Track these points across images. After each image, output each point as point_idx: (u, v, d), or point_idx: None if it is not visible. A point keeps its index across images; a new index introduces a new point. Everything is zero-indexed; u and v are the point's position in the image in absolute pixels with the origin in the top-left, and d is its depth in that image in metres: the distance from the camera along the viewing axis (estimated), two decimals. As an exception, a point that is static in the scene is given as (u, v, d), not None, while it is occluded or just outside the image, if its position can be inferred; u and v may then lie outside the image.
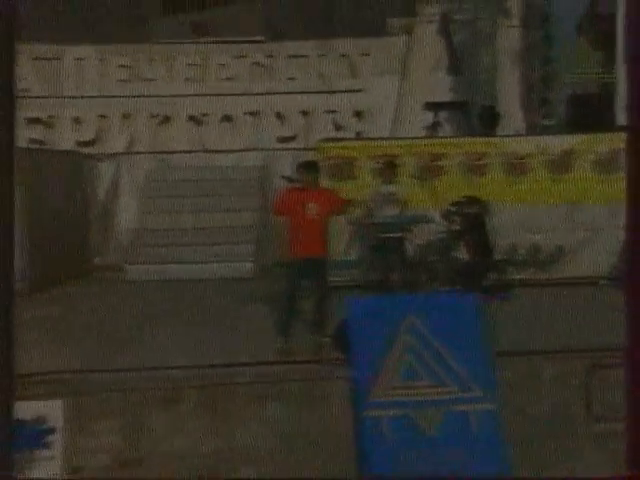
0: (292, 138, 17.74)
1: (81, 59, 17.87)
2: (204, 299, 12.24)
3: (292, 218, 9.51)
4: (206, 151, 17.61)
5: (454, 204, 12.32)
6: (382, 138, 16.10)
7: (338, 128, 17.85)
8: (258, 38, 18.24)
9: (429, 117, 17.78)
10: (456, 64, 17.91)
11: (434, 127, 17.65)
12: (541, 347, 9.50)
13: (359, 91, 18.12)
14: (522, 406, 8.89)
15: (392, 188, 12.01)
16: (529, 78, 17.41)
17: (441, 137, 16.27)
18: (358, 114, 18.06)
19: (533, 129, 16.95)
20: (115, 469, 8.14)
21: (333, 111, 18.07)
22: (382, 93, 18.21)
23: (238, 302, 11.54)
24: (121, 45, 17.76)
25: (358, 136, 17.38)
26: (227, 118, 17.94)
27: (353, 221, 12.43)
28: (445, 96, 17.88)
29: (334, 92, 18.16)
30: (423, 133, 17.20)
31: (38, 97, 17.60)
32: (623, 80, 13.73)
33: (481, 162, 13.33)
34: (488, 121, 16.59)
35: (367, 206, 12.17)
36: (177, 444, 8.23)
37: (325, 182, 12.84)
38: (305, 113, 18.01)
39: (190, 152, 17.47)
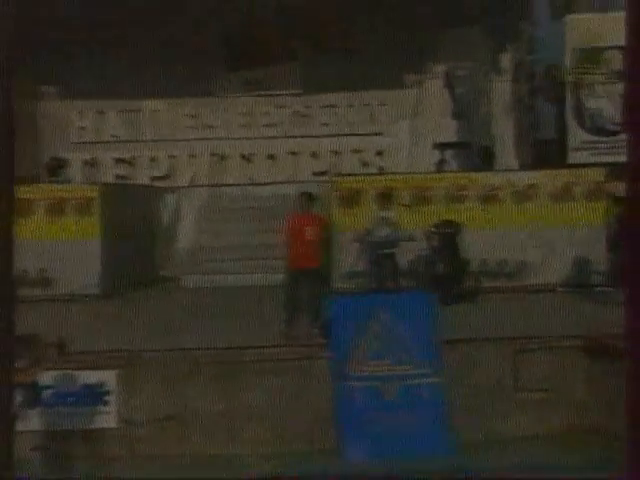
0: (324, 173, 18.23)
1: (156, 110, 19.08)
2: (240, 302, 13.20)
3: (295, 239, 11.03)
4: (252, 184, 18.51)
5: (434, 226, 13.43)
6: (380, 174, 17.18)
7: (364, 165, 18.68)
8: (297, 91, 19.09)
9: (437, 155, 18.45)
10: (459, 111, 18.56)
11: (441, 163, 18.31)
12: (487, 336, 10.55)
13: (380, 134, 18.99)
14: (465, 379, 9.96)
15: (387, 213, 13.08)
16: (519, 123, 18.02)
17: (425, 173, 16.85)
18: (379, 153, 18.87)
19: (523, 166, 17.49)
20: (154, 422, 9.48)
21: (359, 150, 18.89)
22: (399, 135, 19.06)
23: (264, 304, 12.47)
24: (188, 98, 18.81)
25: (380, 171, 18.09)
26: (271, 157, 18.89)
27: (357, 239, 13.39)
28: (450, 137, 18.48)
29: (359, 135, 18.99)
30: (433, 168, 17.88)
31: (123, 141, 19.00)
32: (575, 127, 14.63)
33: (461, 193, 14.38)
34: (485, 159, 17.15)
35: (367, 227, 13.14)
36: (199, 404, 9.57)
37: (336, 208, 14.44)
38: (336, 152, 18.89)
39: (239, 185, 18.43)
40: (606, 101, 14.54)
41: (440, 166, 18.15)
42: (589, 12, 14.81)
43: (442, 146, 18.52)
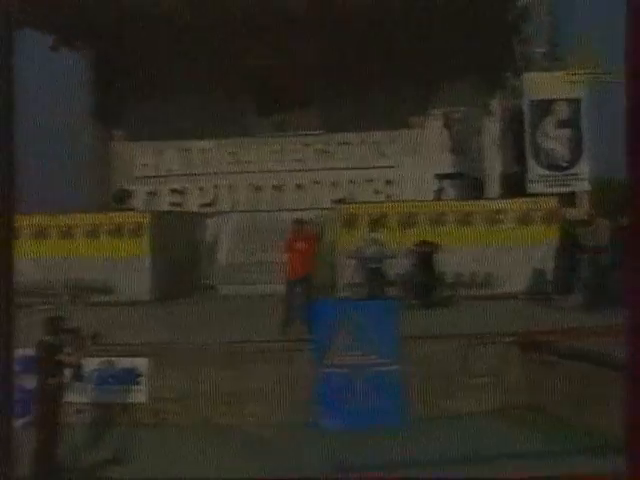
0: (342, 200, 18.66)
1: (203, 149, 20.05)
2: (260, 306, 14.18)
3: (291, 254, 12.36)
4: (281, 210, 18.85)
5: (415, 245, 14.28)
6: (372, 202, 17.80)
7: (375, 192, 19.23)
8: (318, 132, 19.79)
9: (437, 184, 18.79)
10: (455, 147, 18.99)
11: (440, 191, 18.60)
12: (448, 333, 11.74)
13: (389, 167, 19.48)
14: (423, 367, 10.99)
15: (376, 235, 14.22)
16: (506, 158, 18.33)
17: (408, 200, 17.31)
18: (388, 182, 19.37)
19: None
20: (176, 400, 10.71)
21: (371, 181, 19.45)
22: (404, 168, 19.44)
23: (276, 307, 12.86)
24: (229, 139, 19.76)
25: (389, 198, 18.67)
26: (298, 186, 19.66)
27: (351, 256, 14.34)
28: (448, 169, 18.87)
29: (371, 168, 19.54)
30: (433, 196, 18.24)
31: (177, 175, 20.12)
32: (533, 163, 15.06)
33: (441, 217, 15.17)
34: (476, 188, 17.87)
35: (358, 246, 14.19)
36: (209, 387, 10.69)
37: (339, 230, 15.48)
38: (352, 182, 19.49)
39: (271, 211, 19.12)
40: (557, 142, 14.93)
41: (439, 194, 18.48)
42: (542, 71, 15.29)
43: (441, 176, 18.83)
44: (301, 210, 18.00)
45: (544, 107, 14.98)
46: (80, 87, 20.04)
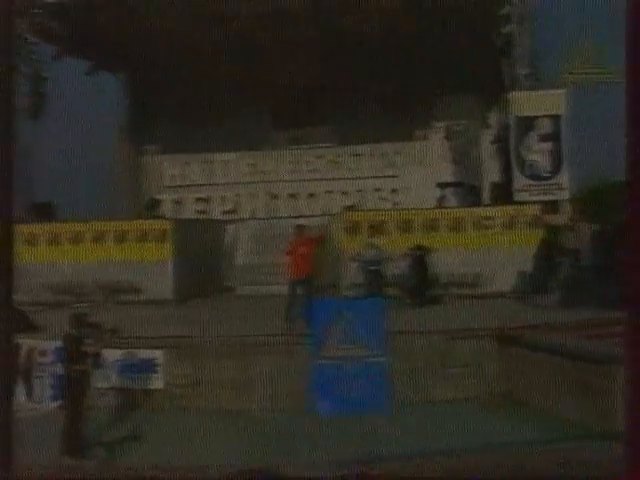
0: (352, 207, 19.46)
1: (225, 161, 20.90)
2: (272, 304, 14.12)
3: (293, 257, 13.09)
4: (297, 216, 19.02)
5: (409, 249, 14.75)
6: (372, 210, 18.33)
7: (382, 200, 19.95)
8: (330, 145, 20.53)
9: (439, 192, 19.11)
10: (455, 158, 19.60)
11: (442, 199, 18.88)
12: (434, 329, 12.14)
13: (395, 176, 20.21)
14: (408, 359, 11.60)
15: (374, 240, 14.82)
16: (501, 167, 18.09)
17: (404, 208, 17.87)
18: (394, 191, 20.11)
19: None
20: (187, 386, 11.37)
21: (378, 189, 20.19)
22: (409, 177, 20.18)
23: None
24: (249, 152, 20.62)
25: (395, 205, 19.38)
26: (311, 195, 20.45)
27: (352, 259, 14.96)
28: (449, 178, 19.40)
29: (379, 177, 20.29)
30: (435, 203, 18.53)
31: (202, 185, 21.02)
32: (518, 174, 15.24)
33: (435, 224, 15.61)
34: (474, 195, 18.31)
35: (358, 250, 14.84)
36: (214, 376, 11.39)
37: (342, 236, 16.10)
38: (360, 191, 20.20)
39: (287, 217, 19.52)
40: (539, 155, 15.19)
41: (441, 201, 18.78)
42: (526, 90, 15.47)
43: (442, 185, 19.21)
44: (314, 217, 18.89)
45: (528, 123, 15.26)
46: (116, 107, 21.08)
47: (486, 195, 18.29)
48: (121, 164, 20.99)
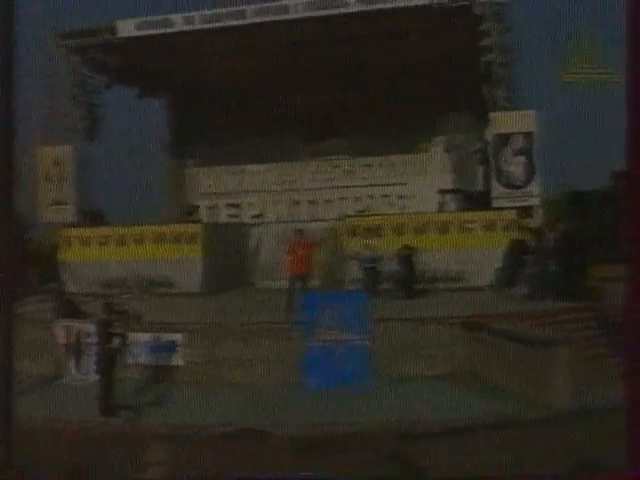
0: (363, 211, 20.21)
1: (254, 172, 21.95)
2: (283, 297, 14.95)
3: (292, 257, 14.39)
4: (314, 220, 19.75)
5: (398, 249, 15.69)
6: (369, 215, 18.89)
7: (390, 205, 20.55)
8: (345, 157, 21.45)
9: (440, 198, 19.32)
10: (455, 168, 20.19)
11: (442, 204, 19.12)
12: (412, 316, 13.28)
13: (401, 184, 20.91)
14: (388, 341, 12.42)
15: (369, 241, 16.04)
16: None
17: (397, 214, 18.59)
18: (401, 197, 20.76)
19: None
20: (202, 364, 12.55)
21: (387, 196, 20.89)
22: (414, 185, 20.77)
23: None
24: (274, 163, 21.65)
25: (402, 210, 19.74)
26: (328, 201, 21.31)
27: (352, 257, 16.10)
28: (449, 186, 19.81)
29: (387, 185, 21.00)
30: (437, 208, 18.89)
31: (233, 193, 22.16)
32: (496, 183, 15.93)
33: (425, 227, 16.54)
34: (470, 201, 18.38)
35: (355, 250, 16.08)
36: (224, 355, 12.64)
37: (344, 237, 17.16)
38: (371, 197, 20.97)
39: (306, 221, 19.31)
40: (515, 167, 15.85)
41: (442, 206, 19.12)
42: (503, 110, 16.16)
43: (443, 192, 19.54)
44: (329, 220, 19.59)
45: (505, 139, 16.01)
46: (161, 127, 22.67)
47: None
48: (165, 175, 22.55)
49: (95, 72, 18.79)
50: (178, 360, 12.99)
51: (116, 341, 11.21)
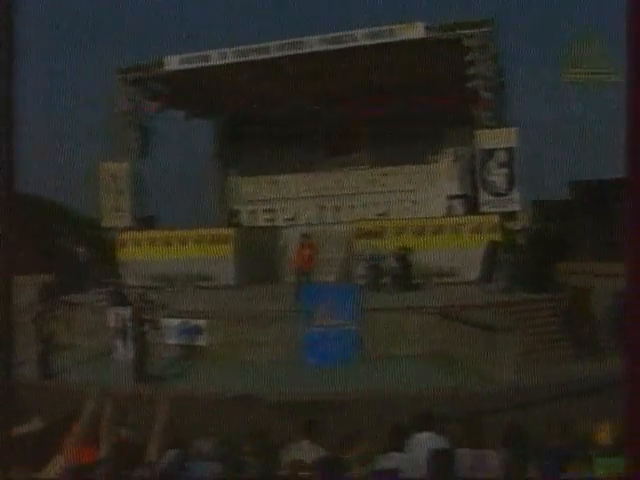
0: (383, 214, 21.68)
1: (287, 181, 23.44)
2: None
3: (298, 257, 16.14)
4: (338, 223, 21.42)
5: (396, 249, 17.01)
6: (373, 219, 20.16)
7: (405, 209, 21.69)
8: (366, 167, 22.69)
9: (448, 203, 20.95)
10: (461, 176, 21.15)
11: (450, 208, 20.64)
12: (400, 306, 14.81)
13: (415, 191, 22.04)
14: (376, 327, 13.94)
15: (372, 242, 17.64)
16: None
17: (400, 218, 19.97)
18: (414, 202, 21.84)
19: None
20: (222, 345, 14.30)
21: (402, 201, 21.94)
22: (426, 191, 21.89)
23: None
24: (304, 174, 23.09)
25: (415, 214, 20.95)
26: (351, 206, 22.52)
27: (358, 256, 17.75)
28: (456, 192, 21.04)
29: (403, 191, 22.09)
30: (445, 211, 20.53)
31: (269, 199, 23.67)
32: (482, 191, 17.11)
33: (422, 229, 17.84)
34: (476, 205, 20.32)
35: (360, 250, 17.75)
36: (238, 337, 14.28)
37: (354, 239, 18.82)
38: (388, 202, 22.07)
39: (331, 224, 21.82)
40: (498, 177, 16.96)
41: (450, 210, 20.59)
42: (487, 128, 17.23)
43: (451, 197, 21.08)
44: (352, 223, 20.78)
45: (489, 153, 17.20)
46: (207, 143, 24.81)
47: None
48: (211, 184, 24.66)
49: (148, 99, 20.93)
50: (202, 341, 14.83)
51: (146, 325, 13.24)
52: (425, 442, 6.00)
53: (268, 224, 23.25)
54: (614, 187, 18.26)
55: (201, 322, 14.94)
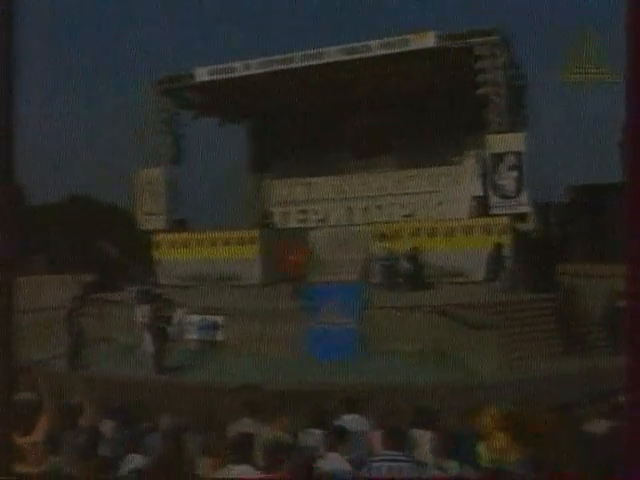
0: (409, 215, 22.83)
1: (318, 183, 24.81)
2: None
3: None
4: (367, 223, 22.01)
5: (408, 250, 18.07)
6: (388, 222, 21.27)
7: (430, 210, 22.71)
8: (394, 169, 23.73)
9: (472, 203, 21.46)
10: (483, 178, 20.84)
11: (473, 209, 21.07)
12: (406, 305, 15.91)
13: (438, 192, 23.11)
14: (378, 325, 15.06)
15: (386, 244, 18.74)
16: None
17: (414, 220, 20.84)
18: (440, 203, 22.90)
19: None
20: (237, 339, 15.69)
21: (427, 202, 23.00)
22: (450, 192, 22.90)
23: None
24: (334, 176, 24.35)
25: (439, 216, 21.92)
26: (378, 207, 23.75)
27: (374, 257, 18.85)
28: (480, 193, 20.99)
29: (427, 193, 23.16)
30: (469, 211, 21.22)
31: (301, 201, 25.13)
32: (492, 194, 18.14)
33: (434, 231, 18.80)
34: None
35: (374, 251, 18.99)
36: (251, 333, 15.49)
37: (370, 240, 20.05)
38: (414, 203, 23.19)
39: (357, 225, 22.79)
40: (507, 181, 17.78)
41: (473, 211, 21.16)
42: (497, 133, 18.13)
43: (476, 198, 21.42)
44: (379, 223, 22.04)
45: (499, 157, 18.06)
46: (241, 148, 26.49)
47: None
48: (243, 188, 26.35)
49: (181, 108, 22.76)
50: (219, 336, 16.43)
51: (163, 321, 14.95)
52: (350, 422, 7.43)
53: (300, 225, 24.56)
54: (611, 190, 18.93)
55: (218, 318, 16.49)
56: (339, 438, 6.27)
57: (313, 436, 7.18)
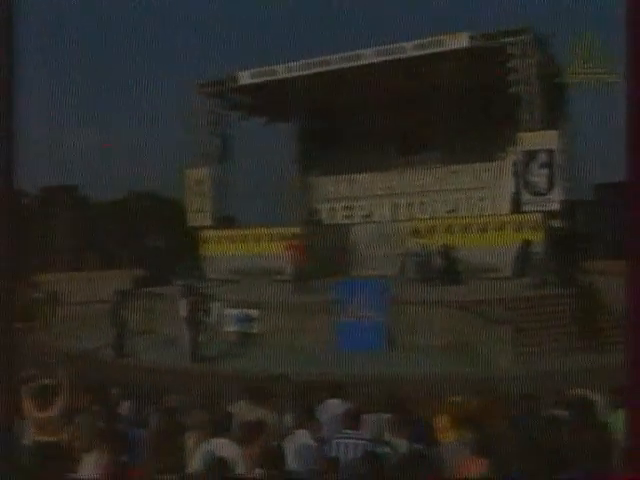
0: (452, 211, 23.48)
1: (363, 180, 25.60)
2: None
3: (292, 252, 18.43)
4: (410, 219, 22.60)
5: (440, 246, 18.84)
6: (418, 219, 22.08)
7: (472, 206, 23.37)
8: (436, 165, 24.21)
9: (511, 199, 21.55)
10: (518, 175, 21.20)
11: (515, 205, 20.98)
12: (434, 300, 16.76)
13: (481, 188, 23.63)
14: (402, 320, 15.84)
15: (420, 240, 19.66)
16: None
17: (443, 216, 21.69)
18: (481, 199, 23.47)
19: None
20: (270, 332, 16.52)
21: (469, 197, 23.56)
22: (492, 188, 23.33)
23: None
24: (379, 173, 25.13)
25: (481, 211, 22.78)
26: (422, 203, 24.29)
27: (408, 252, 19.88)
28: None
29: (470, 189, 23.70)
30: (510, 208, 21.37)
31: (347, 198, 25.97)
32: (524, 192, 19.07)
33: (468, 227, 19.64)
34: None
35: (408, 247, 20.02)
36: (283, 325, 16.33)
37: (407, 236, 20.85)
38: (457, 199, 23.80)
39: (399, 221, 23.21)
40: (539, 178, 18.18)
41: (514, 207, 21.01)
42: (530, 131, 18.56)
43: (514, 194, 21.44)
44: (422, 219, 22.86)
45: (531, 155, 18.49)
46: (288, 146, 27.64)
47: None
48: (290, 185, 27.52)
49: (228, 110, 24.10)
50: (254, 329, 17.53)
51: (200, 313, 16.24)
52: (333, 406, 8.42)
53: (346, 221, 25.41)
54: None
55: (254, 312, 17.67)
56: (308, 417, 7.28)
57: (292, 416, 8.19)
